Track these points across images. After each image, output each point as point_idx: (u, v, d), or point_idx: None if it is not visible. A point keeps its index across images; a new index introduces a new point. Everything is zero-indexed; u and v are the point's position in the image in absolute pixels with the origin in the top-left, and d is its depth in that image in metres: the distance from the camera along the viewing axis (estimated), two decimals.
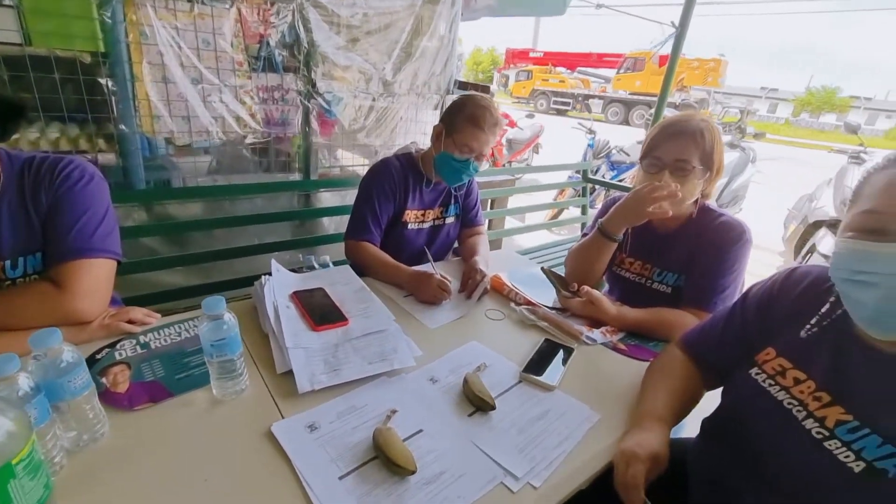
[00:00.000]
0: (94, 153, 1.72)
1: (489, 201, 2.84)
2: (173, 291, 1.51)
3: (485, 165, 1.39)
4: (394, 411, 0.77)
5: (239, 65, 1.85)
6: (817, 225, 3.39)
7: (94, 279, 0.89)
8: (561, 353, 1.01)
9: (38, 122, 1.64)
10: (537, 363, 0.96)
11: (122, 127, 1.62)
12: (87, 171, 0.92)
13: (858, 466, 0.58)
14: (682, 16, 2.53)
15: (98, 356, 0.85)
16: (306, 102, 2.18)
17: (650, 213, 1.10)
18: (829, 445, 0.61)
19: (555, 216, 4.07)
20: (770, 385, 0.72)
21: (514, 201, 3.01)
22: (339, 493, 0.63)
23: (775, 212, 4.79)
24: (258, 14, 1.88)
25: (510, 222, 3.44)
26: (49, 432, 0.60)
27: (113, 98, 1.61)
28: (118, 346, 0.88)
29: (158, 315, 0.98)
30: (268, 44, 1.92)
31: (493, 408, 0.81)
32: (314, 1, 2.02)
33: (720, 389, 0.85)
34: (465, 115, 1.31)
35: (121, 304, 1.12)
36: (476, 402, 0.82)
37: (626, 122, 17.47)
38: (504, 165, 5.78)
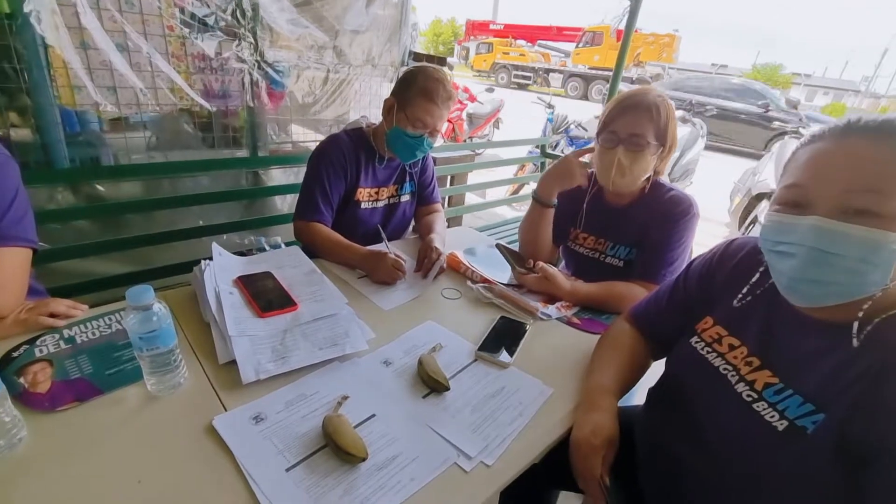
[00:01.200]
0: (6, 129, 1.54)
1: (449, 177, 2.79)
2: (107, 279, 1.40)
3: (440, 141, 1.34)
4: (345, 397, 0.75)
5: (170, 29, 1.68)
6: (760, 197, 3.57)
7: (5, 270, 0.81)
8: (516, 330, 1.01)
9: None
10: (493, 341, 0.96)
11: (38, 99, 1.45)
12: None
13: (782, 425, 0.61)
14: None
15: (15, 354, 0.77)
16: (252, 72, 2.03)
17: (580, 174, 1.19)
18: (758, 407, 0.64)
19: (515, 191, 4.09)
20: (708, 352, 0.74)
21: (475, 177, 2.98)
22: (287, 486, 0.61)
23: (722, 185, 5.00)
24: None
25: (471, 198, 3.42)
26: None
27: (24, 66, 1.43)
28: (38, 343, 0.80)
29: (85, 307, 0.90)
30: (206, 6, 1.75)
31: (448, 388, 0.80)
32: None
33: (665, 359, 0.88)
34: (417, 89, 1.25)
35: (46, 295, 1.02)
36: (430, 384, 0.81)
37: (585, 96, 17.58)
38: (465, 141, 5.72)
